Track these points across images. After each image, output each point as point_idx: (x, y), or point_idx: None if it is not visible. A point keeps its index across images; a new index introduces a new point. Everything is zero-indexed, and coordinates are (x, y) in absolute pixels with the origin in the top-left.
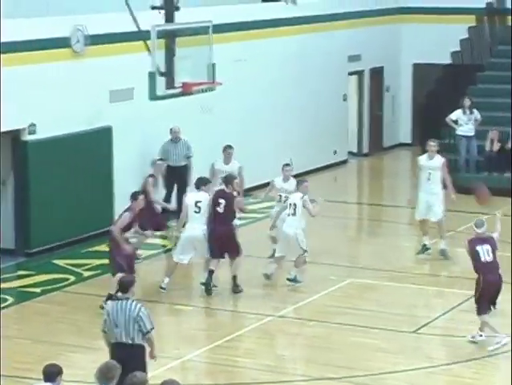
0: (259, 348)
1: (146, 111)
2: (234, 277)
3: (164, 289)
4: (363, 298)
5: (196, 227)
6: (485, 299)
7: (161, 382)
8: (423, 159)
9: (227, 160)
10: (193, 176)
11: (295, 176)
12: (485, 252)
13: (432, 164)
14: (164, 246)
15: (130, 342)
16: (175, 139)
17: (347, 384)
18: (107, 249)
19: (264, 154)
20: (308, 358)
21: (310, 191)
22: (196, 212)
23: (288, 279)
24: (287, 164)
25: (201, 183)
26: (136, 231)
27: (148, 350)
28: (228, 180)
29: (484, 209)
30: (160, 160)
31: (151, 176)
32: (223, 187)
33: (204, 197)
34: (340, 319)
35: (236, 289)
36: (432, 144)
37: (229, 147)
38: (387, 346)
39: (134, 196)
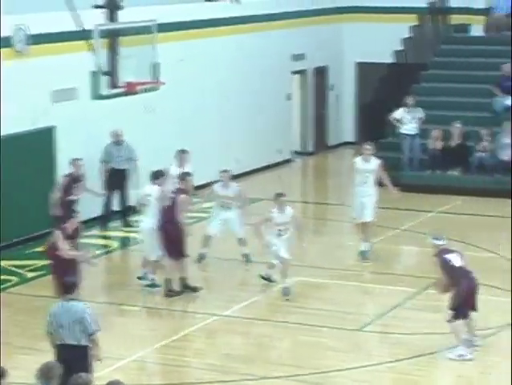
0: (205, 347)
1: (90, 111)
2: (183, 279)
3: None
4: (309, 297)
5: (144, 220)
6: (467, 305)
7: (106, 383)
8: (359, 162)
9: (181, 164)
10: (139, 178)
11: (240, 176)
12: (454, 258)
13: (369, 166)
14: (106, 246)
15: (75, 343)
16: (117, 141)
17: (295, 383)
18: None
19: (208, 154)
20: (255, 357)
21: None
22: (145, 204)
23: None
24: (224, 171)
25: (155, 176)
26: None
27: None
28: (182, 176)
29: (427, 207)
30: (98, 161)
31: (67, 175)
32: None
33: (154, 191)
34: (287, 318)
35: (195, 288)
36: (368, 148)
37: (183, 151)
38: (334, 345)
39: (70, 216)
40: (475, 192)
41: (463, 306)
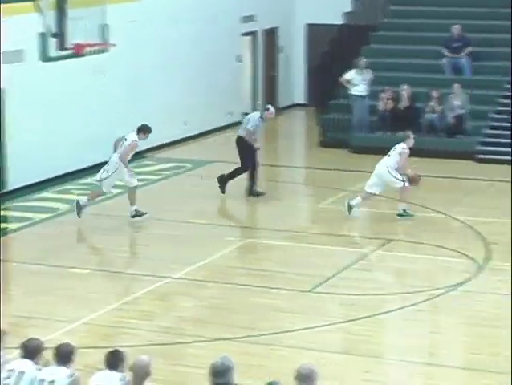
0: (157, 310)
1: (38, 73)
2: None
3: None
4: (260, 258)
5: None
6: None
7: (56, 346)
8: None
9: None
10: None
11: (190, 138)
12: None
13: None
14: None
15: None
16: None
17: (246, 344)
18: None
19: (157, 116)
20: (207, 320)
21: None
22: None
23: None
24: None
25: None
26: None
27: None
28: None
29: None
30: None
31: None
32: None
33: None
34: (238, 280)
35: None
36: None
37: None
38: (284, 306)
39: None
40: (425, 154)
41: None
